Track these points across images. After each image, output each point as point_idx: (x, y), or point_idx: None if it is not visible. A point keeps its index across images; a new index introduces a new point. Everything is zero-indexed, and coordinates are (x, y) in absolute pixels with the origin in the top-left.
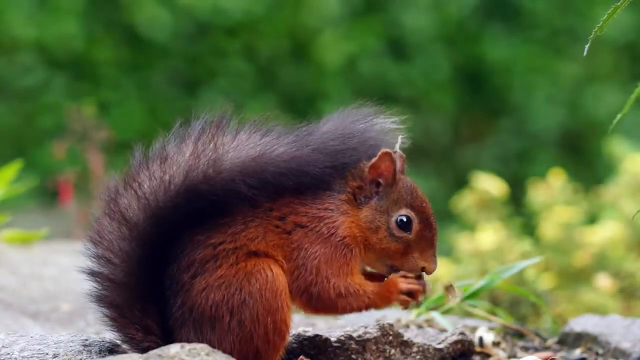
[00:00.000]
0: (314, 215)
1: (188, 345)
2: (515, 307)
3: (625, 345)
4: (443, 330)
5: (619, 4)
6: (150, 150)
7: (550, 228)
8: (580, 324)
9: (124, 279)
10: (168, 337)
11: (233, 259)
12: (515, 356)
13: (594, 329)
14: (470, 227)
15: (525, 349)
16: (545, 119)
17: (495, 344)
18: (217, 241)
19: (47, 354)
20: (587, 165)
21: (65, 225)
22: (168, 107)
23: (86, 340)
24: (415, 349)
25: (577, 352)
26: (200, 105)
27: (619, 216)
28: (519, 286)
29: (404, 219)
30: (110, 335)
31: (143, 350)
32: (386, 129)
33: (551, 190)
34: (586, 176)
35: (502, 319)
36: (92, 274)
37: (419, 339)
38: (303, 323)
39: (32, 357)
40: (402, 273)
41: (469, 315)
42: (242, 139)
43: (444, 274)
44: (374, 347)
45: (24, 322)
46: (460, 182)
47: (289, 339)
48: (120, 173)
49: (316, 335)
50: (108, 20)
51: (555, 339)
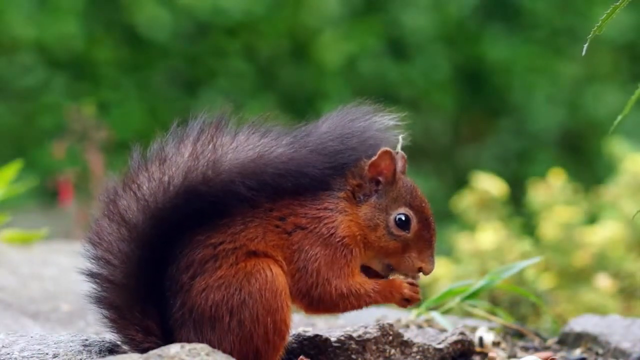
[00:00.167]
0: (313, 216)
1: (188, 345)
2: (515, 307)
3: (625, 345)
4: (443, 330)
5: (618, 4)
6: (149, 151)
7: (550, 228)
8: (580, 324)
9: (123, 280)
10: (168, 338)
11: (233, 259)
12: (515, 356)
13: (594, 329)
14: (470, 227)
15: (525, 349)
16: (545, 119)
17: (495, 344)
18: (217, 241)
19: (47, 354)
20: (587, 165)
21: (65, 225)
22: (168, 107)
23: (86, 340)
24: (415, 349)
25: (577, 352)
26: (200, 105)
27: (619, 216)
28: (519, 286)
29: (403, 218)
30: (110, 336)
31: (143, 351)
32: (385, 127)
33: (551, 190)
34: (586, 176)
35: (502, 319)
36: (92, 276)
37: (419, 339)
38: (303, 323)
39: (32, 357)
40: (410, 280)
41: (469, 315)
42: (241, 140)
43: (444, 274)
44: (374, 347)
45: (24, 322)
46: (460, 182)
47: (289, 339)
48: (119, 174)
49: (316, 335)
50: (108, 20)
51: (555, 339)
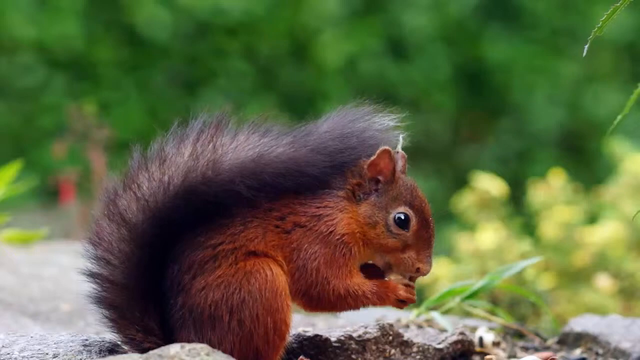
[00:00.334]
0: (312, 214)
1: (188, 345)
2: (515, 307)
3: (625, 345)
4: (443, 330)
5: (619, 5)
6: (149, 151)
7: (550, 228)
8: (580, 324)
9: (123, 280)
10: (168, 338)
11: (232, 259)
12: (515, 356)
13: (594, 329)
14: (470, 227)
15: (525, 349)
16: (545, 119)
17: (495, 344)
18: (217, 242)
19: (47, 354)
20: (587, 165)
21: (66, 225)
22: (168, 107)
23: (86, 340)
24: (415, 349)
25: (577, 352)
26: (200, 105)
27: (619, 216)
28: (519, 286)
29: (402, 217)
30: (110, 336)
31: (143, 351)
32: (385, 127)
33: (551, 190)
34: (586, 176)
35: (502, 319)
36: (92, 276)
37: (419, 339)
38: (303, 323)
39: (32, 357)
40: (405, 281)
41: (469, 315)
42: (241, 139)
43: (444, 274)
44: (374, 347)
45: (24, 322)
46: (460, 182)
47: (289, 339)
48: (119, 174)
49: (316, 335)
50: (108, 20)
51: (555, 339)
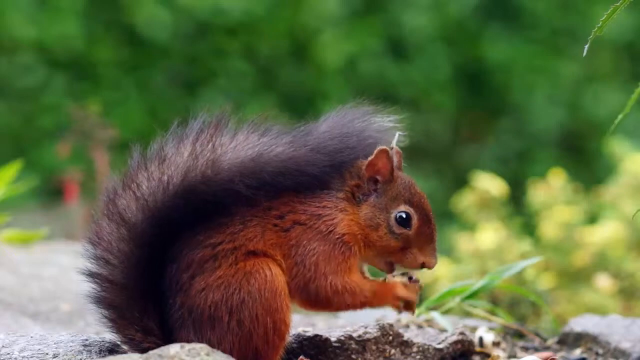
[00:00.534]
0: (312, 213)
1: (188, 345)
2: (515, 307)
3: (625, 345)
4: (443, 330)
5: (619, 5)
6: (148, 150)
7: (550, 228)
8: (580, 324)
9: (123, 280)
10: (168, 338)
11: (232, 259)
12: (515, 356)
13: (594, 329)
14: (470, 227)
15: (525, 349)
16: (545, 119)
17: (495, 344)
18: (216, 241)
19: (47, 354)
20: (587, 165)
21: (67, 225)
22: (168, 107)
23: (86, 340)
24: (415, 349)
25: (577, 352)
26: (200, 105)
27: (619, 216)
28: (519, 286)
29: (404, 215)
30: (110, 336)
31: (143, 351)
32: (384, 127)
33: (551, 190)
34: (586, 176)
35: (502, 319)
36: (91, 275)
37: (419, 339)
38: (303, 323)
39: (32, 357)
40: (404, 281)
41: (469, 315)
42: (240, 139)
43: (443, 274)
44: (374, 347)
45: (24, 322)
46: (460, 182)
47: (289, 339)
48: (119, 174)
49: (316, 335)
50: (108, 20)
51: (555, 339)
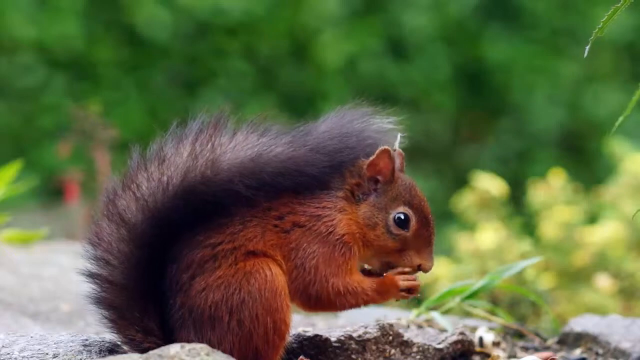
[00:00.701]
0: (312, 214)
1: (188, 345)
2: (515, 307)
3: (625, 345)
4: (443, 330)
5: (619, 5)
6: (148, 151)
7: (550, 228)
8: (580, 324)
9: (123, 280)
10: (168, 338)
11: (232, 259)
12: (515, 356)
13: (594, 329)
14: (470, 227)
15: (525, 349)
16: (545, 119)
17: (495, 344)
18: (216, 241)
19: (47, 354)
20: (587, 165)
21: (67, 225)
22: (168, 107)
23: (86, 340)
24: (415, 349)
25: (577, 352)
26: (200, 105)
27: (619, 216)
28: (519, 286)
29: (402, 217)
30: (110, 336)
31: (143, 351)
32: (383, 128)
33: (551, 190)
34: (586, 176)
35: (502, 319)
36: (91, 276)
37: (419, 339)
38: (303, 323)
39: (32, 357)
40: (399, 269)
41: (469, 315)
42: (240, 139)
43: (443, 274)
44: (374, 347)
45: (24, 322)
46: (460, 182)
47: (289, 339)
48: (118, 174)
49: (316, 335)
50: (108, 20)
51: (555, 339)
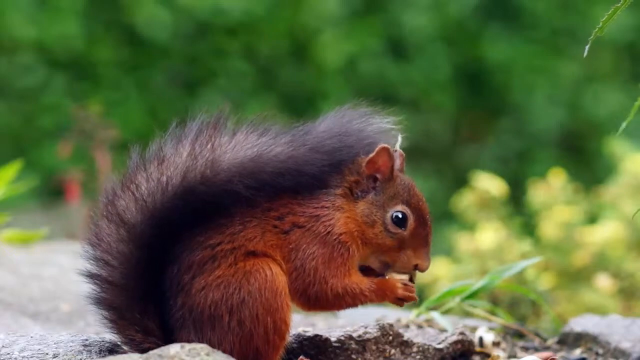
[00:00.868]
0: (311, 215)
1: (188, 345)
2: (515, 307)
3: (625, 345)
4: (443, 330)
5: (619, 5)
6: (147, 151)
7: (550, 228)
8: (580, 324)
9: (122, 281)
10: (168, 338)
11: (231, 259)
12: (515, 356)
13: (594, 329)
14: (470, 227)
15: (525, 349)
16: (545, 119)
17: (495, 344)
18: (216, 242)
19: (47, 354)
20: (587, 165)
21: (67, 225)
22: (168, 107)
23: (86, 340)
24: (415, 349)
25: (577, 352)
26: (200, 105)
27: (619, 216)
28: (519, 286)
29: (400, 215)
30: (110, 336)
31: (143, 351)
32: (383, 128)
33: (551, 190)
34: (586, 176)
35: (502, 319)
36: (91, 277)
37: (419, 339)
38: (303, 323)
39: (32, 357)
40: (404, 280)
41: (469, 315)
42: (239, 139)
43: (443, 274)
44: (374, 347)
45: (24, 322)
46: (460, 182)
47: (289, 338)
48: (118, 174)
49: (316, 335)
50: (108, 20)
51: (555, 339)
